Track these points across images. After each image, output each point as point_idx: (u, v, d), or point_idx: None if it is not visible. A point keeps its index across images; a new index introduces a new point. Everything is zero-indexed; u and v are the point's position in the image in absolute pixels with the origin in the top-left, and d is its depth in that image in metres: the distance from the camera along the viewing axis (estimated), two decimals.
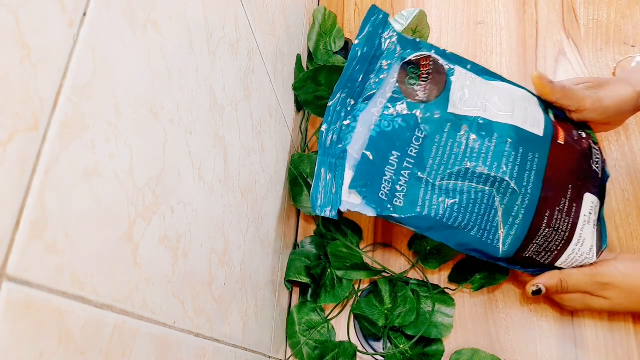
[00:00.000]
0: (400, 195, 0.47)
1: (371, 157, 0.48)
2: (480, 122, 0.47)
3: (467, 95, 0.48)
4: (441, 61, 0.50)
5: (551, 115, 0.51)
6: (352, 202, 0.48)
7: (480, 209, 0.46)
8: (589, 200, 0.48)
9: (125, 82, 0.24)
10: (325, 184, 0.49)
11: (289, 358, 0.57)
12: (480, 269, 0.56)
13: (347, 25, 0.77)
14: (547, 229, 0.46)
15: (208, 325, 0.35)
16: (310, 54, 0.70)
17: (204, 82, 0.34)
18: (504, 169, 0.46)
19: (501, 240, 0.47)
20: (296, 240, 0.65)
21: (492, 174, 0.46)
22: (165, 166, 0.28)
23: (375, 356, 0.56)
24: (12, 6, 0.17)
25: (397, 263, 0.61)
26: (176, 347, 0.30)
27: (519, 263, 0.49)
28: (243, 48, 0.42)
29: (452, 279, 0.57)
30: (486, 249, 0.47)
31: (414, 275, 0.59)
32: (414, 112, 0.48)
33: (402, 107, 0.48)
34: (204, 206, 0.34)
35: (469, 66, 0.51)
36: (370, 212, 0.48)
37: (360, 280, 0.60)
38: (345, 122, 0.50)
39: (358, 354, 0.56)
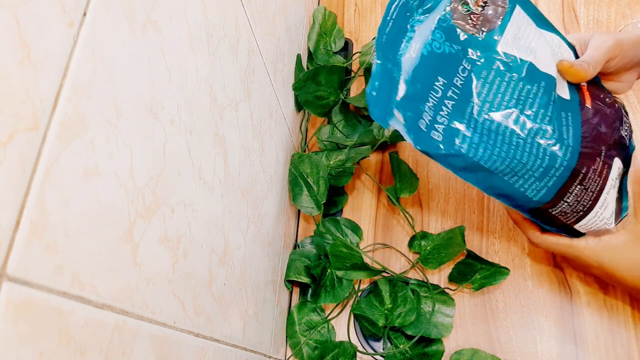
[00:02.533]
0: (440, 127, 0.45)
1: (415, 83, 0.45)
2: (530, 67, 0.45)
3: (521, 38, 0.46)
4: None
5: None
6: (399, 120, 0.46)
7: (522, 156, 0.44)
8: (617, 165, 0.47)
9: (125, 82, 0.24)
10: (380, 88, 0.46)
11: (289, 358, 0.57)
12: (480, 268, 0.56)
13: (347, 25, 0.77)
14: (580, 186, 0.45)
15: (208, 325, 0.35)
16: (310, 54, 0.70)
17: (204, 82, 0.34)
18: (548, 118, 0.44)
19: (535, 190, 0.45)
20: (296, 240, 0.65)
21: (537, 122, 0.44)
22: (165, 166, 0.28)
23: (375, 356, 0.56)
24: (12, 6, 0.17)
25: (397, 263, 0.61)
26: (176, 347, 0.30)
27: (542, 218, 0.48)
28: (243, 48, 0.42)
29: (452, 278, 0.57)
30: (517, 195, 0.46)
31: (414, 275, 0.59)
32: (463, 39, 0.45)
33: (452, 32, 0.45)
34: (204, 206, 0.34)
35: (529, 10, 0.48)
36: (409, 140, 0.45)
37: (360, 280, 0.60)
38: (403, 32, 0.47)
39: (358, 354, 0.56)
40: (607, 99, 0.49)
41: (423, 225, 0.62)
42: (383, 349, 0.55)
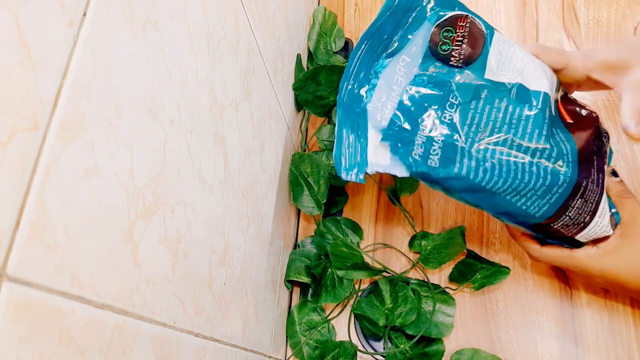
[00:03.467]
0: (434, 157, 0.44)
1: (402, 122, 0.45)
2: (518, 89, 0.45)
3: (504, 60, 0.46)
4: (478, 23, 0.46)
5: (559, 95, 0.50)
6: (379, 162, 0.46)
7: (524, 176, 0.44)
8: (606, 174, 0.48)
9: (125, 82, 0.24)
10: (348, 145, 0.47)
11: (289, 358, 0.57)
12: (480, 268, 0.56)
13: (347, 25, 0.77)
14: (581, 199, 0.45)
15: (208, 325, 0.35)
16: (310, 54, 0.70)
17: (204, 82, 0.34)
18: (545, 137, 0.44)
19: (537, 207, 0.45)
20: (296, 240, 0.65)
21: (534, 142, 0.44)
22: (165, 166, 0.28)
23: (375, 356, 0.56)
24: (12, 6, 0.17)
25: (398, 263, 0.61)
26: (176, 347, 0.30)
27: (543, 232, 0.48)
28: (243, 48, 0.42)
29: (452, 278, 0.57)
30: (519, 213, 0.46)
31: (415, 274, 0.59)
32: (447, 77, 0.45)
33: (434, 71, 0.46)
34: (204, 206, 0.34)
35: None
36: (402, 172, 0.45)
37: (361, 280, 0.60)
38: (366, 79, 0.47)
39: (358, 353, 0.56)
40: (583, 111, 0.49)
41: (423, 225, 0.62)
42: (383, 349, 0.55)
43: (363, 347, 0.57)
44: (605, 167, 0.49)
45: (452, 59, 0.46)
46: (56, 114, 0.19)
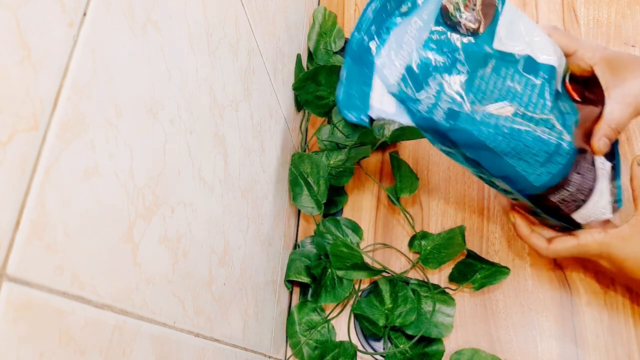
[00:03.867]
0: (440, 111, 0.45)
1: (408, 83, 0.46)
2: (527, 60, 0.46)
3: (514, 31, 0.46)
4: None
5: (567, 77, 0.51)
6: (385, 109, 0.46)
7: (527, 141, 0.44)
8: (599, 157, 0.49)
9: (125, 82, 0.24)
10: (352, 90, 0.47)
11: (289, 358, 0.57)
12: (480, 268, 0.56)
13: (347, 25, 0.77)
14: (578, 175, 0.46)
15: (208, 325, 0.35)
16: (310, 54, 0.70)
17: (204, 82, 0.34)
18: (549, 108, 0.44)
19: (537, 175, 0.46)
20: (296, 240, 0.65)
21: (538, 112, 0.44)
22: (165, 166, 0.28)
23: (375, 356, 0.56)
24: (12, 6, 0.17)
25: (398, 263, 0.61)
26: (176, 347, 0.30)
27: (541, 206, 0.49)
28: (243, 48, 0.42)
29: (452, 278, 0.57)
30: (518, 179, 0.46)
31: (415, 275, 0.59)
32: (456, 44, 0.46)
33: (444, 37, 0.46)
34: (204, 206, 0.34)
35: None
36: (407, 120, 0.46)
37: (361, 280, 0.60)
38: (377, 34, 0.47)
39: (358, 353, 0.56)
40: (587, 97, 0.50)
41: (423, 225, 0.62)
42: (383, 349, 0.55)
43: (363, 347, 0.57)
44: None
45: (462, 26, 0.46)
46: (56, 114, 0.19)
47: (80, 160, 0.21)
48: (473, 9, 0.46)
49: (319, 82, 0.61)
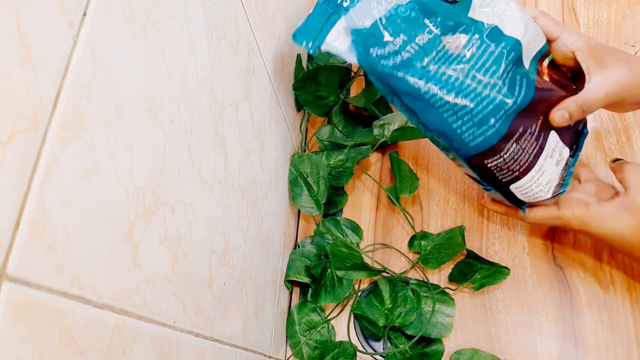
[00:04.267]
0: (390, 60, 0.47)
1: (380, 29, 0.48)
2: (493, 30, 0.48)
3: (488, 4, 0.49)
4: None
5: (546, 61, 0.52)
6: (336, 46, 0.49)
7: (464, 99, 0.46)
8: (554, 139, 0.50)
9: (125, 82, 0.24)
10: (315, 20, 0.50)
11: (289, 358, 0.57)
12: (480, 268, 0.56)
13: None
14: (516, 145, 0.47)
15: (208, 325, 0.35)
16: (310, 54, 0.70)
17: (204, 82, 0.34)
18: (499, 74, 0.46)
19: (472, 135, 0.47)
20: (296, 240, 0.65)
21: (487, 76, 0.46)
22: (165, 166, 0.28)
23: (375, 356, 0.56)
24: (12, 6, 0.17)
25: (397, 263, 0.61)
26: (176, 347, 0.30)
27: (478, 170, 0.50)
28: (243, 48, 0.42)
29: (452, 278, 0.57)
30: (454, 137, 0.48)
31: (414, 275, 0.59)
32: (436, 8, 0.48)
33: (423, 3, 0.48)
34: (204, 206, 0.34)
35: None
36: (352, 58, 0.48)
37: (360, 280, 0.60)
38: None
39: (358, 353, 0.56)
40: (564, 83, 0.51)
41: (423, 225, 0.62)
42: (383, 349, 0.56)
43: (363, 347, 0.57)
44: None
45: None
46: (56, 114, 0.19)
47: (80, 160, 0.21)
48: None
49: (319, 82, 0.61)
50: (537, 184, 0.49)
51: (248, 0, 0.42)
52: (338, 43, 0.49)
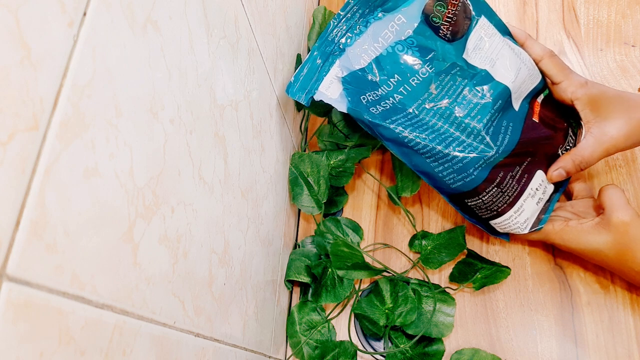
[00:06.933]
0: (379, 108, 0.49)
1: (373, 72, 0.49)
2: (484, 75, 0.48)
3: (482, 48, 0.49)
4: (470, 6, 0.50)
5: (541, 97, 0.53)
6: (328, 95, 0.51)
7: (446, 148, 0.48)
8: (539, 178, 0.51)
9: (125, 82, 0.24)
10: (310, 69, 0.52)
11: (289, 358, 0.57)
12: (481, 268, 0.56)
13: None
14: (496, 189, 0.49)
15: (208, 325, 0.35)
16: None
17: (204, 82, 0.34)
18: (484, 123, 0.47)
19: (452, 179, 0.49)
20: (296, 240, 0.65)
21: (473, 123, 0.47)
22: (165, 166, 0.28)
23: (375, 356, 0.56)
24: (12, 6, 0.17)
25: (398, 262, 0.61)
26: (176, 347, 0.30)
27: (460, 205, 0.53)
28: (243, 48, 0.42)
29: (453, 278, 0.57)
30: (436, 178, 0.50)
31: (415, 274, 0.59)
32: (433, 46, 0.49)
33: (421, 39, 0.49)
34: (204, 206, 0.34)
35: (494, 20, 0.51)
36: (343, 108, 0.50)
37: (361, 280, 0.60)
38: (357, 26, 0.51)
39: (358, 353, 0.56)
40: (556, 122, 0.52)
41: (424, 225, 0.62)
42: (384, 349, 0.55)
43: (363, 347, 0.57)
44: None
45: (440, 31, 0.49)
46: (56, 114, 0.19)
47: (80, 160, 0.21)
48: (451, 19, 0.49)
49: None
50: (515, 221, 0.51)
51: (248, 0, 0.42)
52: (330, 91, 0.51)
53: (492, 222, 0.53)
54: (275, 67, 0.53)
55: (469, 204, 0.51)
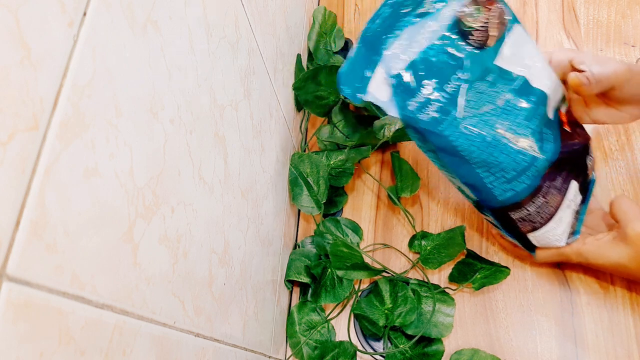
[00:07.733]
0: (428, 112, 0.47)
1: (409, 78, 0.48)
2: (522, 81, 0.48)
3: (516, 53, 0.49)
4: (505, 12, 0.49)
5: (564, 107, 0.53)
6: (378, 96, 0.49)
7: (499, 156, 0.47)
8: (574, 188, 0.51)
9: (125, 82, 0.24)
10: (356, 70, 0.49)
11: (289, 358, 0.57)
12: (480, 268, 0.56)
13: (347, 25, 0.77)
14: (542, 198, 0.48)
15: (208, 325, 0.35)
16: (310, 54, 0.70)
17: (204, 82, 0.34)
18: (532, 130, 0.47)
19: (502, 190, 0.48)
20: (296, 240, 0.65)
21: (520, 132, 0.46)
22: (165, 166, 0.28)
23: (375, 356, 0.56)
24: (12, 6, 0.17)
25: (398, 263, 0.61)
26: (176, 347, 0.30)
27: (502, 220, 0.52)
28: (243, 48, 0.42)
29: (452, 278, 0.57)
30: (483, 190, 0.49)
31: (415, 275, 0.59)
32: (463, 52, 0.48)
33: (453, 43, 0.48)
34: (204, 206, 0.34)
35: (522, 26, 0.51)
36: (395, 113, 0.48)
37: (361, 280, 0.60)
38: (392, 28, 0.50)
39: (358, 353, 0.56)
40: (580, 129, 0.53)
41: (423, 225, 0.62)
42: (383, 349, 0.55)
43: (363, 347, 0.57)
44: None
45: (472, 37, 0.48)
46: (56, 114, 0.19)
47: (80, 160, 0.21)
48: (485, 24, 0.48)
49: (319, 82, 0.61)
50: (554, 233, 0.51)
51: (248, 0, 0.42)
52: (380, 93, 0.49)
53: (532, 235, 0.52)
54: (275, 67, 0.53)
55: (513, 216, 0.50)
